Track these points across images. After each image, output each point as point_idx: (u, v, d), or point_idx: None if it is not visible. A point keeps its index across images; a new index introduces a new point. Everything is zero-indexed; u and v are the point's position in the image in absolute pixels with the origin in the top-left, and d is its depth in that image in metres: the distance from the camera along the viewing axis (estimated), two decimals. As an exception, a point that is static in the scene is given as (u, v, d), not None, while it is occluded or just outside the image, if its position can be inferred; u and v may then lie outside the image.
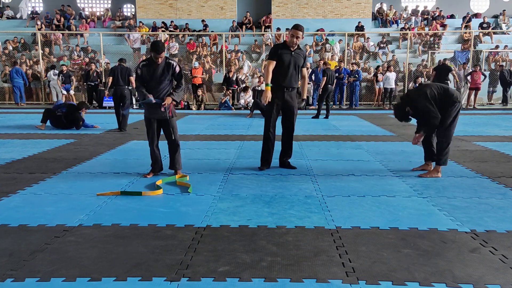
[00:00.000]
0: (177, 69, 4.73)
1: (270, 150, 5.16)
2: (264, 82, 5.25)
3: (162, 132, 4.86)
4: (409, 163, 5.49)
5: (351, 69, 14.87)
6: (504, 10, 20.59)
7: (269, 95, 4.90)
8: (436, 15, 20.68)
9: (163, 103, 4.60)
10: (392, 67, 14.72)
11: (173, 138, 4.78)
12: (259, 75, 14.91)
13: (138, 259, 2.66)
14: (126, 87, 8.59)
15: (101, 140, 7.42)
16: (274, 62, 4.95)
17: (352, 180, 4.64)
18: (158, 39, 17.71)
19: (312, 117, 11.24)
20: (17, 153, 6.15)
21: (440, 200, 3.91)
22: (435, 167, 4.85)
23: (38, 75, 16.09)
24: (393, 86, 14.32)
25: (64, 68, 15.02)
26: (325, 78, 10.97)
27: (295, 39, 4.94)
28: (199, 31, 19.26)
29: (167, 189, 4.26)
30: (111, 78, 8.73)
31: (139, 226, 3.23)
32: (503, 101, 15.33)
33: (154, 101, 4.58)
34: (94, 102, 14.93)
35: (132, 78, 8.65)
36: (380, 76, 15.15)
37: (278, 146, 5.29)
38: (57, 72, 15.08)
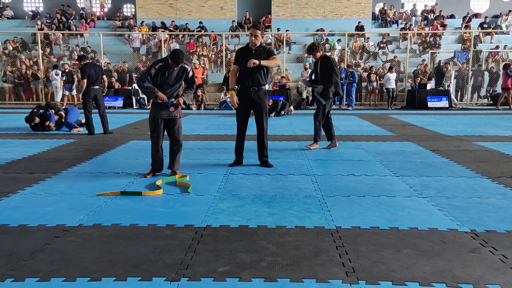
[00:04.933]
0: (190, 74, 4.77)
1: (238, 149, 5.34)
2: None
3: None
4: (409, 163, 5.49)
5: (348, 70, 14.81)
6: (510, 11, 20.51)
7: (234, 99, 5.10)
8: (436, 15, 20.67)
9: (175, 102, 4.67)
10: (393, 67, 14.72)
11: (177, 138, 4.80)
12: None
13: (138, 259, 2.66)
14: (98, 87, 8.03)
15: (101, 140, 7.42)
16: (237, 67, 5.17)
17: (352, 180, 4.64)
18: (158, 39, 17.71)
19: None
20: (17, 153, 6.15)
21: (440, 200, 3.91)
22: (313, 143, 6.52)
23: (38, 75, 16.09)
24: (394, 86, 14.32)
25: (66, 66, 14.95)
26: None
27: (253, 38, 5.04)
28: (197, 31, 19.26)
29: (167, 189, 4.26)
30: (85, 80, 7.80)
31: (139, 226, 3.23)
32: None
33: (169, 103, 4.63)
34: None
35: (105, 77, 8.33)
36: (373, 77, 15.21)
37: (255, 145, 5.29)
38: (59, 72, 15.07)
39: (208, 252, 2.77)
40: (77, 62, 16.58)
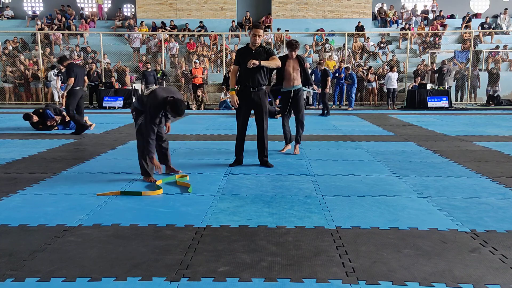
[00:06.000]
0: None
1: (238, 149, 5.34)
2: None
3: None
4: (409, 163, 5.49)
5: (347, 72, 14.80)
6: (506, 9, 20.53)
7: (235, 99, 5.08)
8: (436, 15, 20.67)
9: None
10: (395, 67, 14.72)
11: (163, 135, 4.83)
12: None
13: (138, 259, 2.66)
14: (82, 88, 8.00)
15: (101, 140, 7.42)
16: (237, 67, 5.16)
17: (352, 180, 4.64)
18: (158, 39, 17.70)
19: (320, 114, 11.93)
20: (17, 153, 6.15)
21: (440, 200, 3.91)
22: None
23: (38, 75, 16.10)
24: (396, 86, 14.30)
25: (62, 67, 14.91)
26: (329, 78, 12.04)
27: (257, 38, 5.03)
28: (198, 31, 19.26)
29: (167, 189, 4.26)
30: (72, 79, 7.70)
31: (139, 226, 3.23)
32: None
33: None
34: (94, 102, 14.93)
35: (86, 78, 8.21)
36: (371, 77, 15.22)
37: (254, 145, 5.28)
38: (56, 72, 15.05)
39: (208, 252, 2.77)
40: (77, 62, 16.72)
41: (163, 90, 4.44)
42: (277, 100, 11.60)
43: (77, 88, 7.84)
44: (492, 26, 19.85)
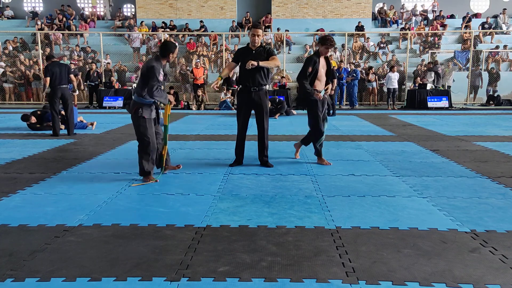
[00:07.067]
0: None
1: (239, 150, 5.35)
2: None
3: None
4: (409, 163, 5.49)
5: (350, 68, 14.85)
6: (505, 9, 20.52)
7: (216, 82, 5.14)
8: (437, 15, 20.67)
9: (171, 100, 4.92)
10: (395, 67, 14.71)
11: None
12: None
13: (138, 259, 2.66)
14: (67, 86, 7.88)
15: (101, 140, 7.42)
16: (234, 64, 5.25)
17: (352, 180, 4.64)
18: (158, 39, 17.71)
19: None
20: (17, 153, 6.15)
21: (440, 200, 3.91)
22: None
23: (38, 75, 16.10)
24: (396, 86, 14.27)
25: (72, 66, 14.89)
26: (335, 80, 11.79)
27: (256, 38, 5.04)
28: (198, 30, 19.26)
29: (167, 189, 4.26)
30: (48, 79, 7.68)
31: (139, 226, 3.23)
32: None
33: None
34: (94, 102, 14.93)
35: (73, 76, 8.16)
36: (372, 77, 15.23)
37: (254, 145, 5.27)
38: None
39: (208, 252, 2.77)
40: (77, 62, 16.71)
41: (146, 62, 4.66)
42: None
43: (58, 87, 7.75)
44: (492, 26, 19.84)
